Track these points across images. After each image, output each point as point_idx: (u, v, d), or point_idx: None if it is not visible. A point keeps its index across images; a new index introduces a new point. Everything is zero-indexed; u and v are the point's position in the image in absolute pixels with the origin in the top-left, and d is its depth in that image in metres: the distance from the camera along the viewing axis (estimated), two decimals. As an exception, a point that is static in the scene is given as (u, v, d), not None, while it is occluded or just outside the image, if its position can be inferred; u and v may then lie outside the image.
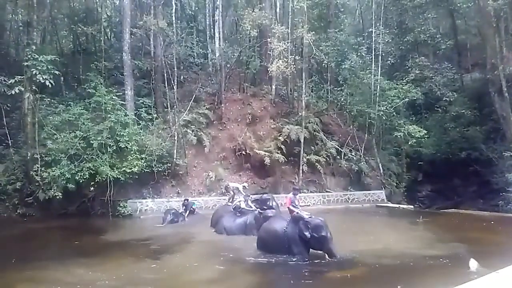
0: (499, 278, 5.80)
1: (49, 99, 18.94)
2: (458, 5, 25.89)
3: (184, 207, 16.61)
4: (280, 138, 21.69)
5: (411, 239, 11.37)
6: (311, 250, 9.22)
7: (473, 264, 7.92)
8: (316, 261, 8.87)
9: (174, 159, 19.43)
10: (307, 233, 8.88)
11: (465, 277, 6.43)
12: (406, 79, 23.97)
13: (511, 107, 21.55)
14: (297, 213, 9.50)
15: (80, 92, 21.06)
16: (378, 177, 23.50)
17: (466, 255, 8.72)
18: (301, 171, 21.36)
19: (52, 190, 16.67)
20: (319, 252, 9.06)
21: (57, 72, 18.00)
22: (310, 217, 9.18)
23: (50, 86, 17.55)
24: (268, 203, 12.98)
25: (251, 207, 13.20)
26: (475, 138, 24.08)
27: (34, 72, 17.13)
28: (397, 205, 21.07)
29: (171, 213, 15.55)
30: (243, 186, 15.37)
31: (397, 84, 23.95)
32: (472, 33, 28.41)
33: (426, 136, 22.98)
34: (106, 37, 26.16)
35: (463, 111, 24.49)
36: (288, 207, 9.98)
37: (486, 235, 12.49)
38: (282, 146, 21.34)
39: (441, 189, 25.76)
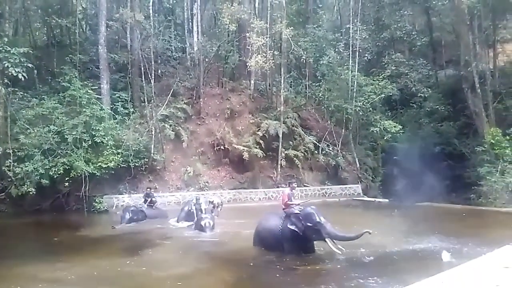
0: (470, 268, 5.99)
1: (22, 93, 18.44)
2: (434, 2, 26.31)
3: (145, 197, 15.77)
4: (258, 133, 21.75)
5: (386, 232, 11.54)
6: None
7: (445, 255, 8.16)
8: (298, 257, 8.74)
9: (152, 154, 19.25)
10: (300, 225, 8.65)
11: (437, 268, 6.59)
12: (383, 75, 24.33)
13: (483, 103, 22.14)
14: (291, 208, 9.20)
15: (54, 86, 20.54)
16: (354, 172, 23.88)
17: (439, 246, 8.98)
18: (279, 166, 21.52)
19: (25, 185, 16.31)
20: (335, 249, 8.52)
21: (30, 65, 17.47)
22: (300, 209, 8.98)
23: (22, 79, 17.01)
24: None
25: None
26: (449, 133, 24.67)
27: (6, 65, 16.57)
28: (373, 199, 21.54)
29: (130, 210, 14.32)
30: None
31: (373, 80, 24.31)
32: (447, 31, 28.96)
33: (401, 131, 23.43)
34: (81, 30, 25.62)
35: (437, 107, 25.04)
36: (286, 203, 9.48)
37: (458, 227, 12.85)
38: (261, 141, 21.42)
39: (415, 183, 26.26)
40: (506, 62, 25.63)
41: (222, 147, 21.43)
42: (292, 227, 8.76)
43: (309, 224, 8.59)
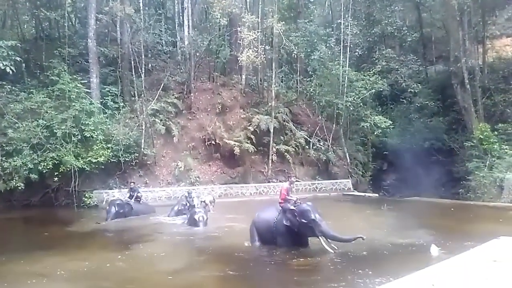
0: (459, 262, 6.06)
1: (10, 87, 18.19)
2: (424, -2, 26.51)
3: (130, 192, 15.57)
4: (250, 128, 21.71)
5: (375, 226, 11.65)
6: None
7: (434, 249, 8.25)
8: (290, 251, 8.76)
9: (142, 149, 19.13)
10: (295, 222, 8.63)
11: (426, 262, 6.65)
12: (373, 70, 24.43)
13: (472, 99, 22.36)
14: (288, 203, 9.15)
15: (42, 80, 20.25)
16: (345, 167, 24.00)
17: (428, 240, 9.07)
18: (270, 161, 21.54)
19: (14, 180, 16.16)
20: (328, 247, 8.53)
21: (18, 59, 17.17)
22: (296, 205, 8.94)
23: (10, 73, 16.69)
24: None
25: None
26: (438, 129, 24.87)
27: (-7, 58, 16.34)
28: (363, 194, 21.68)
29: (116, 204, 13.93)
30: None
31: (364, 76, 24.39)
32: (437, 26, 29.14)
33: (391, 126, 23.56)
34: (70, 23, 25.28)
35: (427, 102, 25.25)
36: (285, 198, 9.37)
37: (446, 221, 13.01)
38: (252, 136, 21.40)
39: (405, 178, 26.50)
40: (495, 58, 25.92)
41: (213, 142, 21.37)
42: (287, 223, 8.78)
43: (304, 221, 8.57)
